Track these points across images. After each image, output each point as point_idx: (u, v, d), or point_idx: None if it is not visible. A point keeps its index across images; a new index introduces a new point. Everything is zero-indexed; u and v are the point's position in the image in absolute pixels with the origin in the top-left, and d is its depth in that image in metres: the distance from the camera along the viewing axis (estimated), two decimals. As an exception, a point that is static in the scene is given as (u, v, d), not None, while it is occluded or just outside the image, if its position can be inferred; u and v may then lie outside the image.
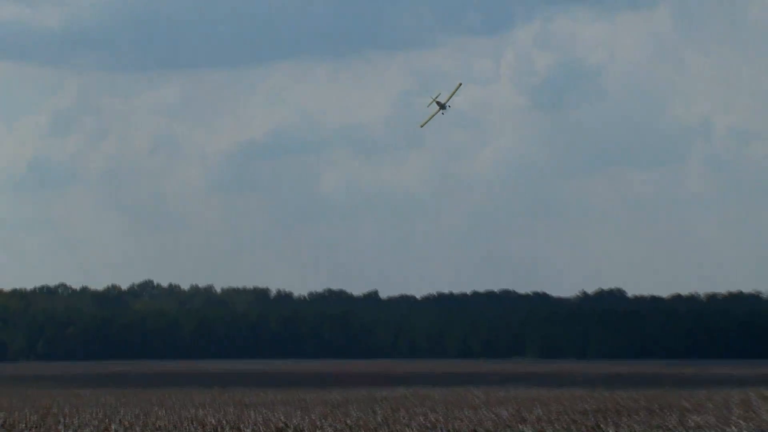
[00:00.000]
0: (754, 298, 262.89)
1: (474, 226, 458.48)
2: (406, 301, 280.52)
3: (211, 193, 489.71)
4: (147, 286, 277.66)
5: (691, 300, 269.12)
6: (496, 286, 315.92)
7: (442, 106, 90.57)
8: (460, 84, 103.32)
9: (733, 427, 38.85)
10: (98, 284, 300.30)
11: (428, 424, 40.34)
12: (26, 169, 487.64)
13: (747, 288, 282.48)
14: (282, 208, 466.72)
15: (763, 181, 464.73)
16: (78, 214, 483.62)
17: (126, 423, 41.32)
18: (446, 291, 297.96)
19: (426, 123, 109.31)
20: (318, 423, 40.85)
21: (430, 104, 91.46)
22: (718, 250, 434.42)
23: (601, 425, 39.48)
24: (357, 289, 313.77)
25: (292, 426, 38.29)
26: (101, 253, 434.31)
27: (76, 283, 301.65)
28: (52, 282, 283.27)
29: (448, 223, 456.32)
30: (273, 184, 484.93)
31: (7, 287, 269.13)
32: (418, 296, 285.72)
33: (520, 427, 38.89)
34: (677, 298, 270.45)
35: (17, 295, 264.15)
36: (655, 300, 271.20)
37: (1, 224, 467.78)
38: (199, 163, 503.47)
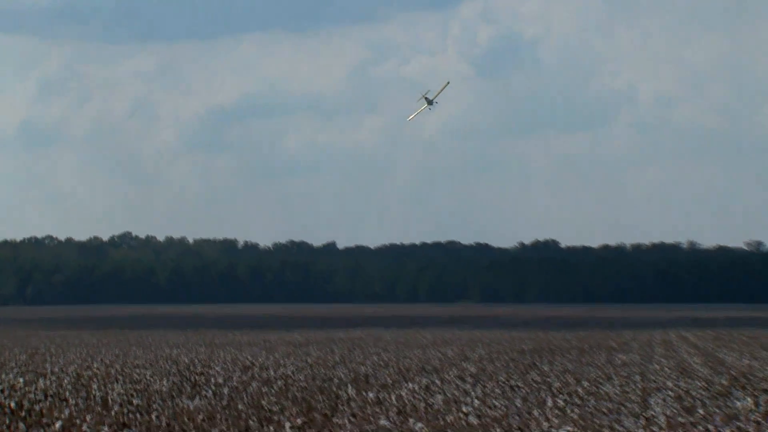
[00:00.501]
0: (674, 248, 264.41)
1: (423, 183, 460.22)
2: (361, 251, 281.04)
3: (184, 153, 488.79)
4: (126, 238, 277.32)
5: (618, 250, 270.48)
6: (442, 238, 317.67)
7: (430, 102, 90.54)
8: (448, 82, 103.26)
9: (656, 365, 39.17)
10: (81, 235, 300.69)
11: (381, 362, 40.54)
12: (16, 131, 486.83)
13: (668, 239, 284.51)
14: (249, 166, 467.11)
15: (682, 143, 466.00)
16: (63, 171, 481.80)
17: (107, 361, 41.39)
18: (398, 242, 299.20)
19: (413, 117, 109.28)
20: (281, 361, 41.03)
21: (419, 100, 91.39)
22: (643, 205, 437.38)
23: (537, 363, 39.76)
24: (317, 240, 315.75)
25: (258, 364, 38.45)
26: (84, 208, 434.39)
27: (61, 235, 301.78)
28: (39, 234, 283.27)
29: (399, 181, 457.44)
30: (241, 144, 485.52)
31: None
32: (372, 246, 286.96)
33: (463, 364, 39.10)
34: (605, 248, 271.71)
35: (8, 245, 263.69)
36: (585, 250, 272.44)
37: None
38: (173, 126, 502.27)
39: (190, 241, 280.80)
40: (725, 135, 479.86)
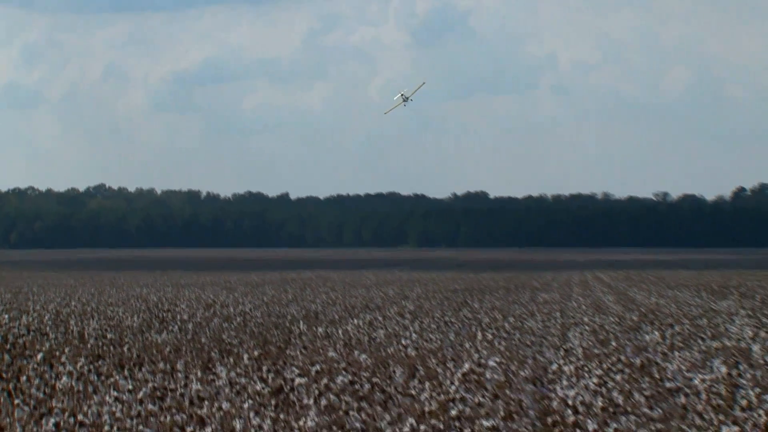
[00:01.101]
0: (590, 198, 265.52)
1: (367, 140, 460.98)
2: (311, 200, 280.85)
3: (153, 113, 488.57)
4: (100, 189, 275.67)
5: (540, 200, 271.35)
6: (384, 189, 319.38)
7: (406, 99, 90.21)
8: (424, 83, 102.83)
9: (574, 303, 39.42)
10: (60, 187, 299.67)
11: (329, 301, 40.58)
12: (0, 93, 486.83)
13: (584, 191, 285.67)
14: (211, 125, 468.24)
15: (598, 104, 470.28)
16: (44, 130, 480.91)
17: (83, 300, 41.25)
18: (344, 193, 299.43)
19: (389, 111, 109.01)
20: (240, 300, 41.00)
21: (397, 97, 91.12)
22: (562, 160, 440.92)
23: (468, 301, 39.93)
24: (272, 191, 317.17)
25: (219, 302, 38.43)
26: (63, 162, 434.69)
27: (42, 186, 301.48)
28: (22, 185, 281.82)
29: (346, 139, 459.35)
30: (204, 105, 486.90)
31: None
32: (321, 197, 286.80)
33: (403, 302, 39.20)
34: (529, 198, 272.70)
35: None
36: (511, 200, 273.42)
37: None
38: (143, 89, 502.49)
39: (158, 192, 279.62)
40: (636, 98, 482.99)
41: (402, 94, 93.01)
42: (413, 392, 14.48)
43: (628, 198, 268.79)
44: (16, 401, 13.95)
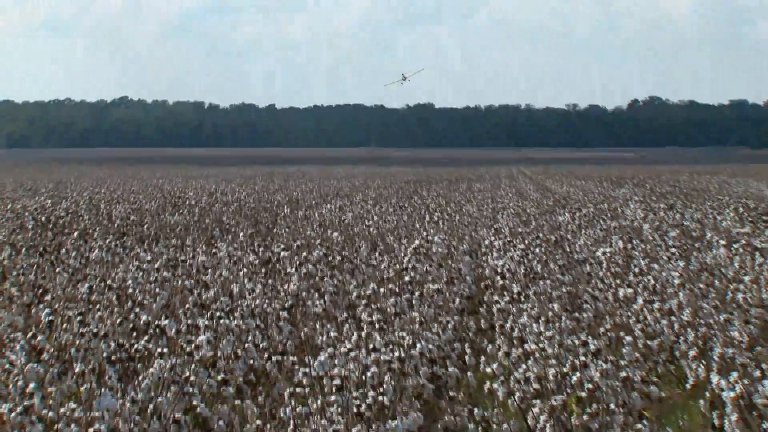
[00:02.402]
0: (515, 108, 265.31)
1: (338, 60, 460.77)
2: (293, 110, 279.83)
3: (164, 39, 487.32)
4: (124, 100, 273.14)
5: (476, 109, 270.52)
6: (351, 100, 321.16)
7: (404, 79, 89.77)
8: (423, 68, 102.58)
9: (502, 191, 39.55)
10: (91, 98, 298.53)
11: (307, 190, 40.54)
12: (40, 23, 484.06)
13: (512, 102, 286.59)
14: (211, 49, 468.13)
15: (522, 31, 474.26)
16: (78, 52, 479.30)
17: (111, 188, 41.05)
18: (320, 104, 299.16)
19: (388, 85, 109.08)
20: (236, 189, 40.91)
21: (398, 78, 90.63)
22: (493, 76, 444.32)
23: (418, 190, 39.98)
24: (261, 102, 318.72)
25: (219, 191, 38.36)
26: (94, 78, 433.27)
27: (77, 98, 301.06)
28: (61, 96, 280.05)
29: (321, 60, 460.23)
30: (205, 33, 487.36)
31: (31, 100, 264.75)
32: (301, 107, 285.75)
33: (367, 191, 39.25)
34: (467, 108, 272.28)
35: (38, 105, 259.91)
36: (453, 109, 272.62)
37: (28, 60, 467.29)
38: (157, 18, 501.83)
39: (171, 103, 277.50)
40: (550, 25, 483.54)
41: (402, 74, 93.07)
42: (374, 263, 14.52)
43: (546, 108, 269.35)
44: (58, 269, 13.90)
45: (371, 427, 6.06)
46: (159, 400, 6.63)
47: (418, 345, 8.35)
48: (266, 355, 8.61)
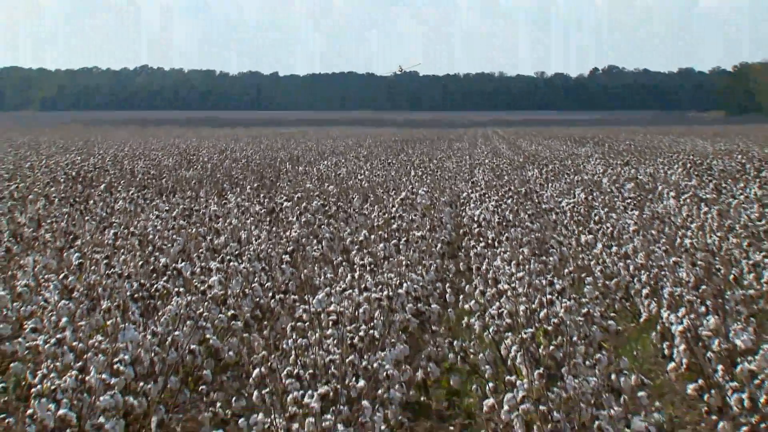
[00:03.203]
0: (489, 76, 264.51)
1: (333, 32, 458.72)
2: (294, 77, 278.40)
3: (182, 14, 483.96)
4: (144, 68, 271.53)
5: (455, 77, 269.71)
6: (345, 69, 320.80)
7: (401, 71, 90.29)
8: (420, 63, 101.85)
9: (478, 149, 39.52)
10: (115, 66, 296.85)
11: (307, 148, 40.42)
12: (68, 4, 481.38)
13: (487, 70, 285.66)
14: (218, 24, 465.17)
15: (497, 8, 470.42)
16: (102, 27, 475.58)
17: (133, 146, 40.87)
18: (317, 72, 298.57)
19: (386, 74, 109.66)
20: (244, 147, 40.77)
21: (397, 68, 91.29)
22: (470, 46, 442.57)
23: (405, 148, 39.91)
24: (266, 70, 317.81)
25: (229, 149, 38.21)
26: (117, 49, 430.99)
27: (102, 65, 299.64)
28: (89, 65, 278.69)
29: (319, 32, 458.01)
30: (210, 9, 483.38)
31: (63, 68, 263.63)
32: (300, 74, 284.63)
33: (359, 149, 39.17)
34: (447, 76, 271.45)
35: (68, 72, 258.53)
36: (435, 77, 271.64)
37: (60, 32, 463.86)
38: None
39: (186, 71, 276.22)
40: (526, 5, 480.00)
41: (400, 66, 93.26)
42: (366, 212, 14.49)
43: (517, 75, 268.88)
44: (86, 218, 13.84)
45: (363, 357, 6.09)
46: (176, 333, 6.67)
47: (405, 285, 8.37)
48: (270, 294, 8.64)
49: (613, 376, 5.90)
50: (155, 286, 8.34)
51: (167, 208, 14.96)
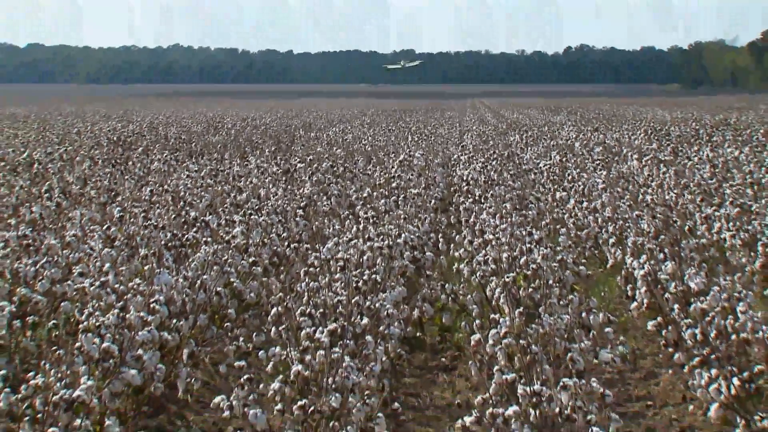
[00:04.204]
0: (476, 53, 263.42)
1: (341, 16, 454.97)
2: (307, 54, 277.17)
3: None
4: (176, 46, 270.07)
5: (447, 54, 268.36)
6: (353, 47, 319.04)
7: (402, 66, 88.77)
8: (421, 61, 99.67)
9: (467, 118, 39.35)
10: (151, 44, 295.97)
11: (318, 116, 40.23)
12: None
13: (474, 48, 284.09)
14: (244, 7, 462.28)
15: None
16: (138, 10, 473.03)
17: (167, 114, 40.69)
18: (327, 49, 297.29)
19: (390, 66, 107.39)
20: (262, 116, 40.60)
21: (399, 63, 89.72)
22: (461, 26, 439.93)
23: (403, 117, 39.70)
24: (282, 48, 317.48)
25: (250, 117, 38.07)
26: (152, 29, 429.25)
27: (139, 44, 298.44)
28: (127, 43, 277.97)
29: (330, 11, 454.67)
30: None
31: (105, 46, 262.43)
32: (312, 52, 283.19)
33: (363, 118, 39.00)
34: (440, 53, 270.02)
35: (110, 50, 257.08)
36: (430, 54, 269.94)
37: (102, 12, 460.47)
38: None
39: (212, 48, 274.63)
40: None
41: (402, 62, 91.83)
42: (369, 173, 14.43)
43: (501, 53, 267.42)
44: (126, 177, 13.79)
45: (367, 298, 6.09)
46: (204, 277, 6.68)
47: (403, 235, 8.36)
48: (286, 243, 8.63)
49: (583, 315, 5.94)
50: (186, 236, 8.33)
51: (196, 168, 14.91)
